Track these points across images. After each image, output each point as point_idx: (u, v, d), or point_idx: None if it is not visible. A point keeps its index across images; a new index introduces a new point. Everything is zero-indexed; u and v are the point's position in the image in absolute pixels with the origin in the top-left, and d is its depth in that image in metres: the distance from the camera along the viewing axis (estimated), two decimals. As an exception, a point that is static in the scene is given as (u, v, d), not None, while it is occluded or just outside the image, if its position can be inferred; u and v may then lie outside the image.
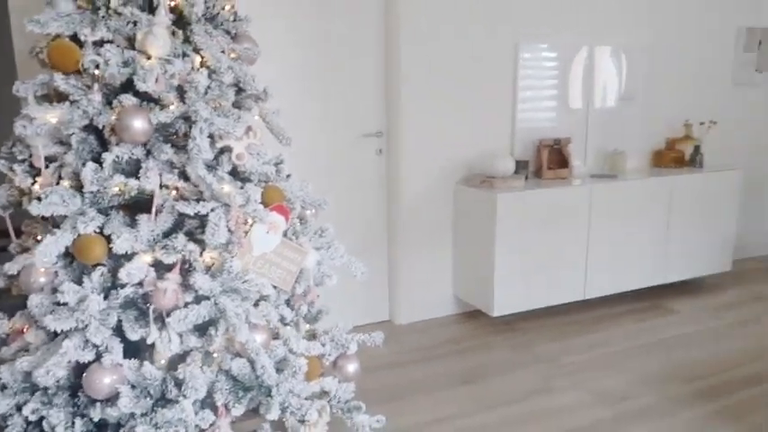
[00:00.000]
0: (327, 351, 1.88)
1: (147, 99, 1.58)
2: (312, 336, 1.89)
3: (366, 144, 3.22)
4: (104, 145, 1.62)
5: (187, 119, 1.60)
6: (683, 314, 3.43)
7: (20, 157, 1.69)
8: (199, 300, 1.51)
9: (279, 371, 1.63)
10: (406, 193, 3.24)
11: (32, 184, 1.66)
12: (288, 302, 1.88)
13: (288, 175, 1.89)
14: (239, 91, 1.75)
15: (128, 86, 1.58)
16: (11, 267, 1.55)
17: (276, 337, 1.73)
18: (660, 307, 3.55)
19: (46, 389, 1.44)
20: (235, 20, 1.78)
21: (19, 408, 1.48)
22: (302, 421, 1.63)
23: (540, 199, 3.13)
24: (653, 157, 3.93)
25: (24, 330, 1.61)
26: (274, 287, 1.73)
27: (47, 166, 1.64)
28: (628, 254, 3.45)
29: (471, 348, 3.02)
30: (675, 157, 3.83)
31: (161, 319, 1.47)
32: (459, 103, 3.28)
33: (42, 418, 1.47)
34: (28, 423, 1.50)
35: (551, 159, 3.46)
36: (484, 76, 3.32)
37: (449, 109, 3.26)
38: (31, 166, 1.69)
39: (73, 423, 1.46)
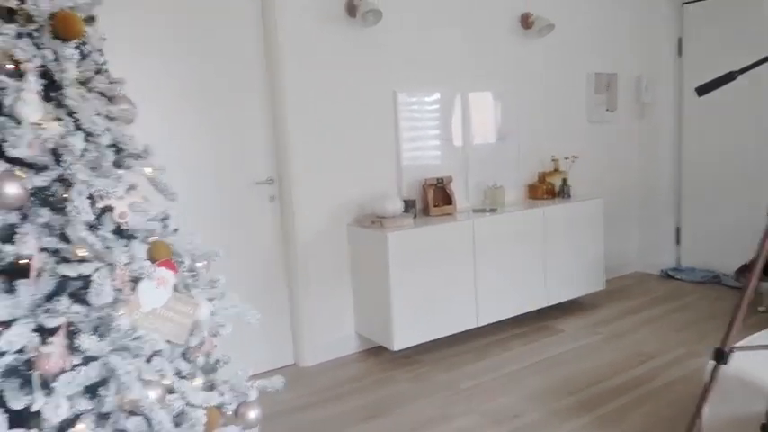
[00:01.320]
0: (227, 400, 1.89)
1: (19, 164, 1.57)
2: (211, 386, 1.90)
3: (258, 191, 3.29)
4: (-24, 212, 1.59)
5: (64, 181, 1.61)
6: (566, 333, 3.72)
7: None
8: (87, 361, 1.49)
9: (177, 425, 1.63)
10: (301, 237, 3.32)
11: None
12: (184, 355, 1.88)
13: (175, 230, 1.92)
14: (119, 151, 1.78)
15: (-1, 152, 1.56)
16: None
17: (173, 390, 1.73)
18: (547, 328, 3.82)
19: None
20: (110, 82, 1.82)
21: None
22: (203, 473, 1.64)
23: (429, 235, 3.33)
24: (528, 190, 4.29)
25: None
26: (168, 341, 1.74)
27: None
28: (512, 281, 3.71)
29: (375, 383, 3.11)
30: (547, 189, 4.20)
31: (47, 385, 1.44)
32: (346, 148, 3.45)
33: None
34: None
35: (437, 197, 3.69)
36: (367, 122, 3.52)
37: (337, 154, 3.41)
38: None
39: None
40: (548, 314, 4.06)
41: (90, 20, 1.75)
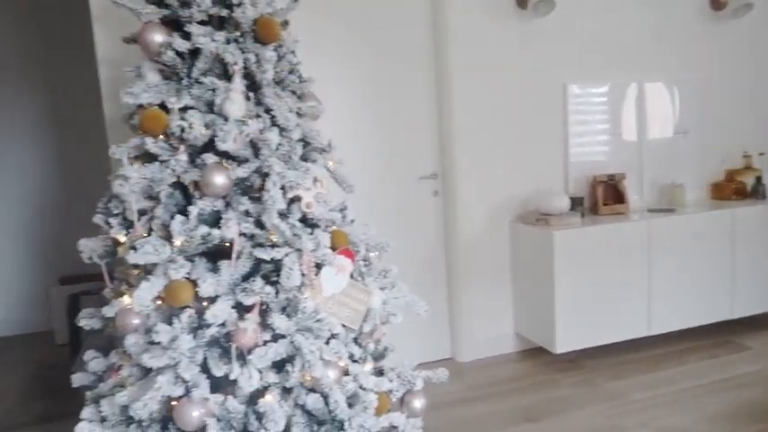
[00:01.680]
0: (395, 387, 1.96)
1: (226, 156, 1.75)
2: (380, 372, 1.97)
3: (423, 186, 3.35)
4: (188, 198, 1.80)
5: (261, 173, 1.76)
6: (755, 351, 3.31)
7: (115, 212, 1.88)
8: (276, 338, 1.63)
9: (350, 406, 1.72)
10: (462, 232, 3.32)
11: (125, 235, 1.84)
12: (356, 340, 1.97)
13: (352, 220, 2.02)
14: (306, 145, 1.91)
15: (209, 146, 1.76)
16: (108, 311, 1.72)
17: (346, 373, 1.82)
18: (730, 342, 3.44)
19: (140, 421, 1.58)
20: (300, 81, 1.96)
21: (116, 439, 1.62)
22: (373, 455, 1.71)
23: (598, 235, 3.15)
24: (712, 189, 3.87)
25: (117, 368, 1.77)
26: (343, 326, 1.84)
27: (139, 219, 1.82)
28: (692, 288, 3.38)
29: (535, 385, 3.02)
30: (736, 188, 3.76)
31: (242, 357, 1.59)
32: (511, 143, 3.37)
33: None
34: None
35: (607, 195, 3.48)
36: (534, 115, 3.41)
37: (501, 148, 3.36)
38: (124, 218, 1.88)
39: (164, 454, 1.59)
40: (732, 328, 3.65)
41: (285, 24, 1.89)
